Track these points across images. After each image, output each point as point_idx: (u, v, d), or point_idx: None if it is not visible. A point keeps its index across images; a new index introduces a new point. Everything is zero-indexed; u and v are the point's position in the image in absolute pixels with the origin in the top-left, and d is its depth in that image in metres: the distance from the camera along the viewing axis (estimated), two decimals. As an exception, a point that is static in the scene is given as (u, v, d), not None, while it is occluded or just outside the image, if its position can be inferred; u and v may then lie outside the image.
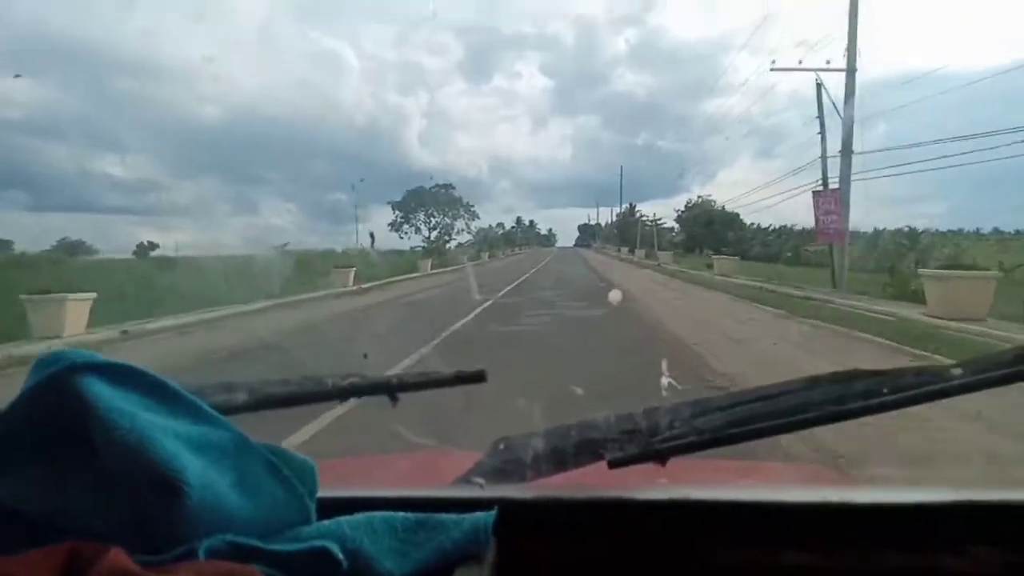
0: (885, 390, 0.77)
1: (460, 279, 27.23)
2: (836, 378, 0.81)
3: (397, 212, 60.83)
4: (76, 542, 0.51)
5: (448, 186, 63.97)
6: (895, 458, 4.37)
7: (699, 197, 56.85)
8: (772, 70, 21.22)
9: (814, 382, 0.82)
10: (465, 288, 21.85)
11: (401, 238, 56.49)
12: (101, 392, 0.55)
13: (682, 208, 59.22)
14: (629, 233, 65.04)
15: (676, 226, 60.31)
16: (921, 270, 14.12)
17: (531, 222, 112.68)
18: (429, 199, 61.37)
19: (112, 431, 0.53)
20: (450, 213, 62.02)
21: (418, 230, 61.00)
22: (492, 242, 74.53)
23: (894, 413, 0.78)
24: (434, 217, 61.30)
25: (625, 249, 65.53)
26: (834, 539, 0.69)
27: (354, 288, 20.82)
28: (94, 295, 12.16)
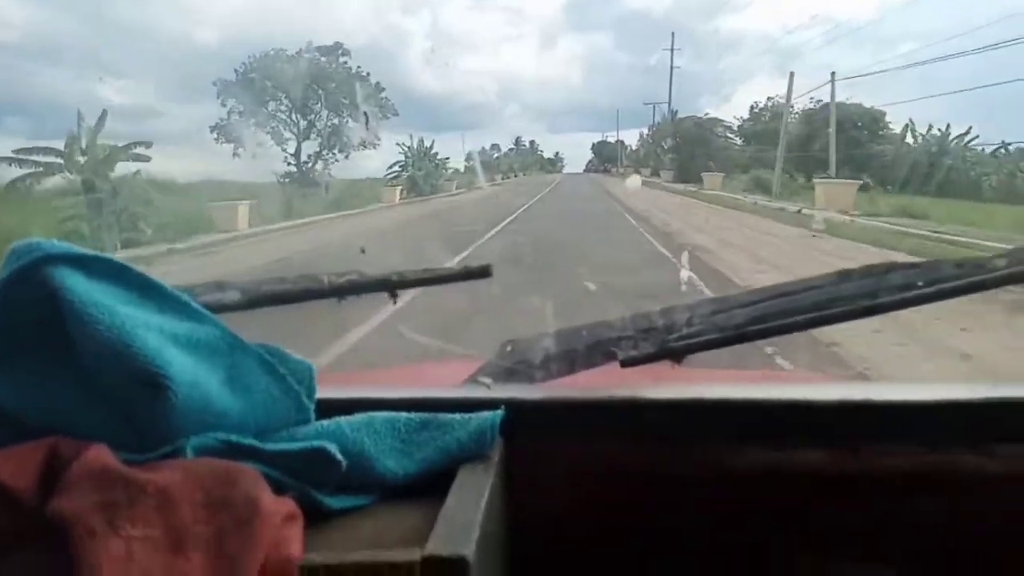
0: (921, 282, 0.72)
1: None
2: (869, 271, 0.76)
3: (229, 103, 29.53)
4: (57, 438, 0.49)
5: (335, 50, 30.85)
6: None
7: (769, 99, 36.47)
8: None
9: (845, 276, 0.77)
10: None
11: (236, 155, 28.31)
12: (78, 285, 0.51)
13: (744, 116, 39.41)
14: (691, 150, 39.60)
15: (737, 139, 40.04)
16: None
17: (531, 143, 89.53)
18: (294, 76, 29.43)
19: (90, 326, 0.50)
20: (344, 107, 30.91)
21: (277, 137, 30.31)
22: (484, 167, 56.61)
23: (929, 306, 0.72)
24: (311, 114, 30.75)
25: (662, 177, 41.39)
26: (853, 438, 0.67)
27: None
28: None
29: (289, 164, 30.27)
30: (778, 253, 10.91)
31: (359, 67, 32.04)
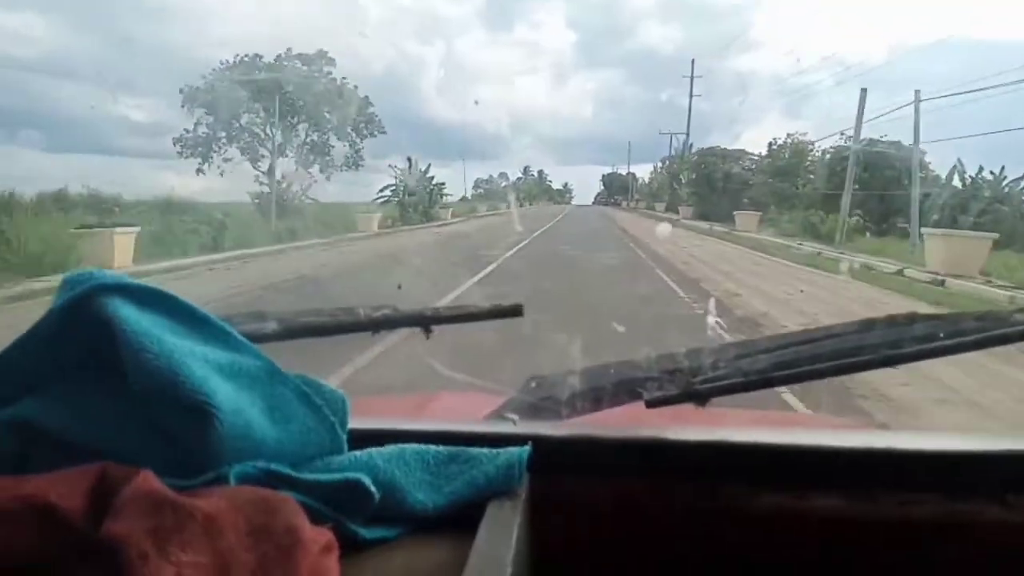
0: (943, 334, 0.73)
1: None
2: (892, 321, 0.77)
3: (196, 112, 25.35)
4: (106, 463, 0.50)
5: (319, 59, 27.00)
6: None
7: (789, 135, 31.76)
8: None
9: (869, 325, 0.78)
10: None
11: (200, 171, 24.95)
12: (128, 314, 0.53)
13: (761, 153, 34.29)
14: (713, 184, 34.92)
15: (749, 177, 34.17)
16: None
17: (540, 172, 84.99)
18: (270, 85, 25.38)
19: (140, 354, 0.52)
20: (326, 121, 27.38)
21: (252, 153, 26.19)
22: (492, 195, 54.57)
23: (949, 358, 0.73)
24: (289, 128, 26.54)
25: (679, 214, 36.27)
26: (872, 486, 0.67)
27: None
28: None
29: (261, 184, 25.38)
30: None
31: (344, 79, 27.31)
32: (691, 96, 46.79)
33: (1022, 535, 0.65)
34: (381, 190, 29.93)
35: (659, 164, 55.48)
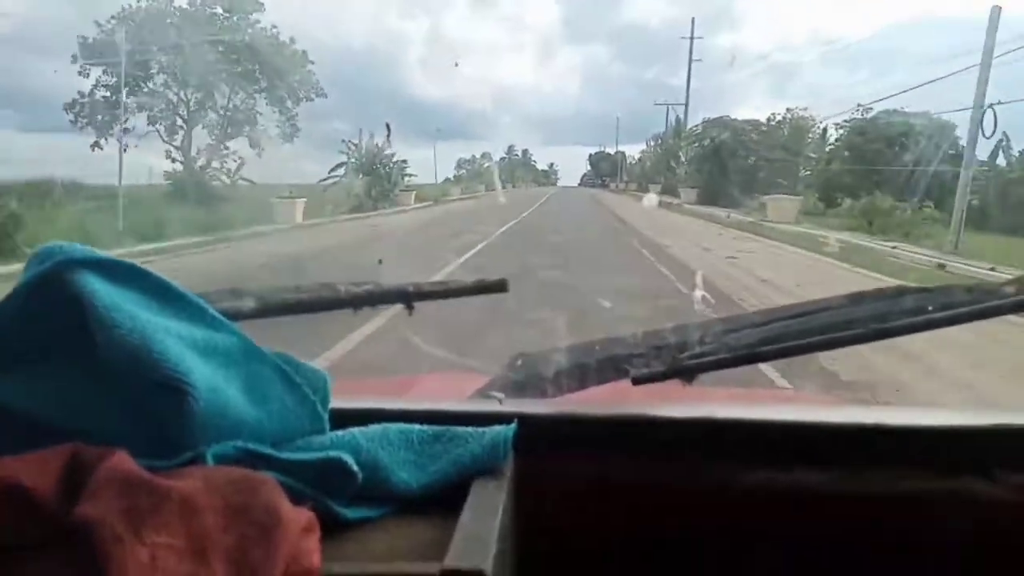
0: (932, 307, 0.73)
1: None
2: (881, 295, 0.77)
3: (93, 73, 19.85)
4: (78, 444, 0.49)
5: (244, 5, 20.82)
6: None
7: (788, 111, 28.88)
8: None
9: (858, 299, 0.78)
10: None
11: (97, 145, 19.71)
12: (100, 289, 0.52)
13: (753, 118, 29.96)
14: (723, 162, 28.49)
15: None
16: None
17: (524, 152, 79.00)
18: (183, 36, 19.69)
19: (112, 330, 0.50)
20: (255, 82, 21.48)
21: (167, 123, 21.06)
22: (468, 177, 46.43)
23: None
24: (206, 91, 20.83)
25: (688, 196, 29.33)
26: (859, 461, 0.67)
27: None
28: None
29: (175, 161, 20.52)
30: None
31: (275, 28, 20.76)
32: (690, 61, 38.03)
33: (1009, 509, 0.66)
34: (333, 169, 24.27)
35: (651, 142, 48.55)
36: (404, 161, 26.71)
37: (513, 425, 0.65)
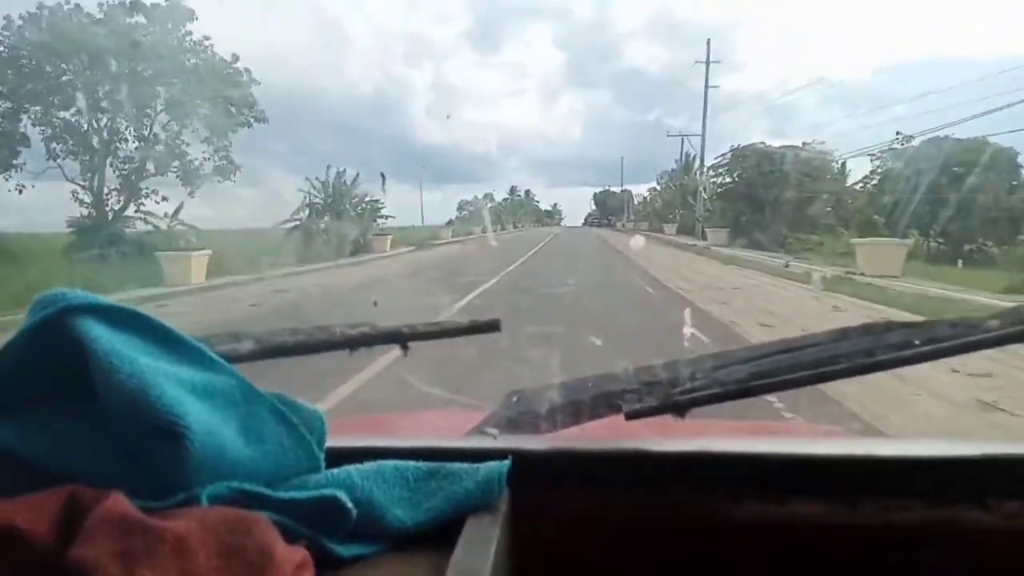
0: (918, 341, 0.74)
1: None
2: (867, 330, 0.78)
3: None
4: (75, 486, 0.50)
5: (175, 12, 16.32)
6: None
7: (804, 144, 24.94)
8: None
9: (844, 334, 0.79)
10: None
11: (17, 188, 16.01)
12: (100, 335, 0.53)
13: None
14: (750, 197, 24.80)
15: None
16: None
17: (527, 192, 79.63)
18: (95, 51, 14.97)
19: (111, 375, 0.51)
20: (184, 106, 16.58)
21: (75, 157, 16.70)
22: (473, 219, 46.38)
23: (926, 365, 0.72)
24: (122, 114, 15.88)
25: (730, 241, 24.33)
26: (854, 492, 0.67)
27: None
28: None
29: (83, 206, 16.54)
30: None
31: (209, 40, 16.59)
32: (707, 87, 34.87)
33: (1004, 539, 0.65)
34: (295, 213, 21.24)
35: (661, 178, 46.41)
36: (377, 201, 24.20)
37: (507, 461, 0.65)
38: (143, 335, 0.57)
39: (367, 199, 23.90)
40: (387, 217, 25.31)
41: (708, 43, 36.05)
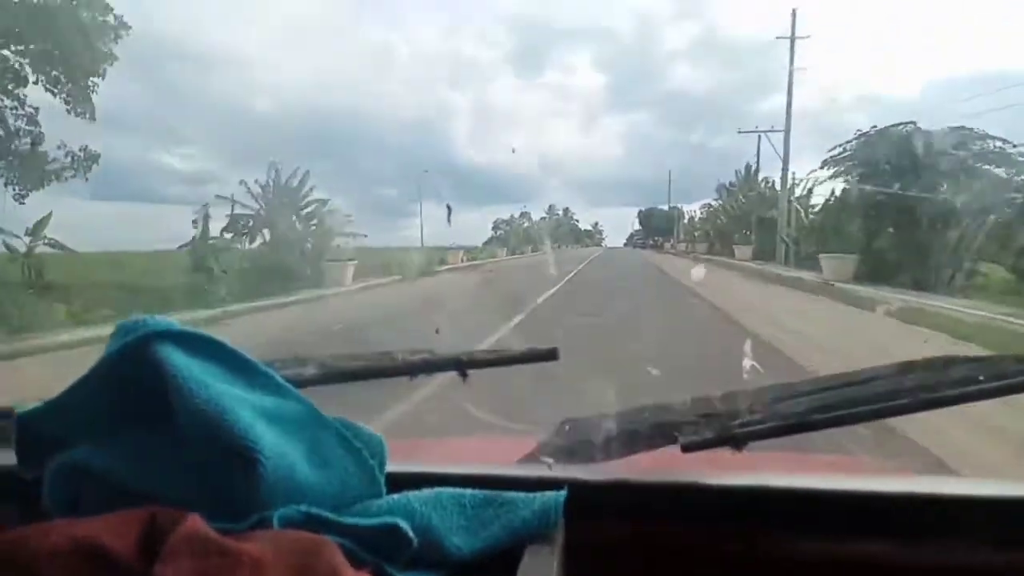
0: (982, 377, 0.72)
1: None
2: (930, 364, 0.76)
3: None
4: (155, 507, 0.52)
5: None
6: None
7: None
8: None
9: (907, 368, 0.77)
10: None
11: None
12: (179, 361, 0.56)
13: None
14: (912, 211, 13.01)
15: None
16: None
17: (566, 211, 70.71)
18: None
19: (190, 400, 0.54)
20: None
21: None
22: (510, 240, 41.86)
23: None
24: None
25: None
26: (915, 532, 0.66)
27: None
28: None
29: None
30: None
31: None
32: (792, 65, 24.90)
33: None
34: (227, 226, 15.68)
35: (720, 191, 36.89)
36: (325, 200, 16.88)
37: (564, 491, 0.65)
38: (218, 360, 0.59)
39: (326, 210, 16.65)
40: (355, 235, 17.26)
41: (793, 14, 25.17)
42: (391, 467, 0.65)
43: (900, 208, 14.98)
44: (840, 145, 17.53)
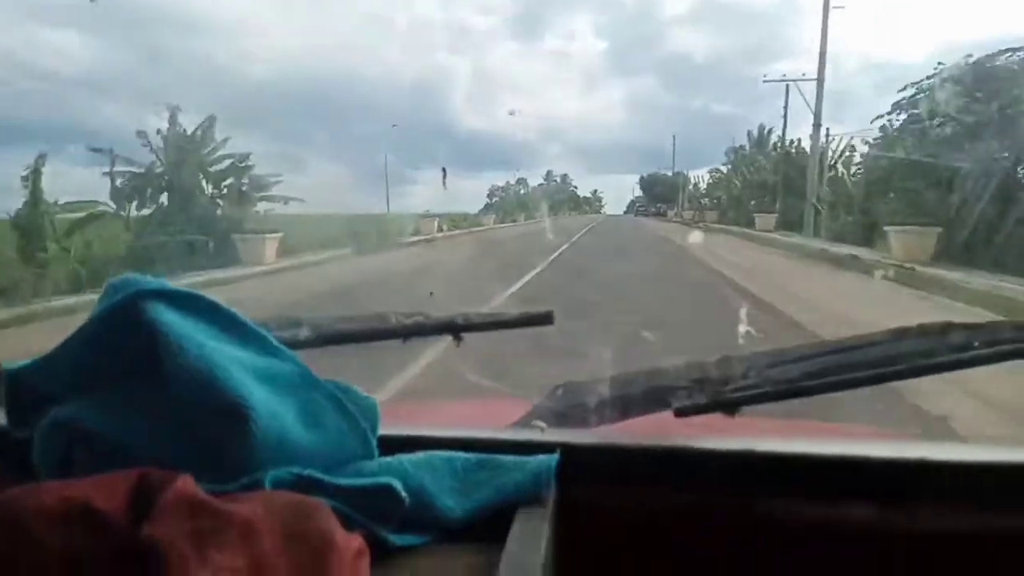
0: (978, 343, 0.72)
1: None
2: (926, 330, 0.76)
3: None
4: (146, 468, 0.52)
5: None
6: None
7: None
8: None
9: (902, 334, 0.77)
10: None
11: None
12: (170, 320, 0.55)
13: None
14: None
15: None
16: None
17: (564, 177, 68.73)
18: None
19: (180, 359, 0.53)
20: None
21: None
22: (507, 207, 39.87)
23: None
24: None
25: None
26: (906, 497, 0.66)
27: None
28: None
29: None
30: None
31: None
32: (826, 8, 20.86)
33: None
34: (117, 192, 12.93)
35: (731, 155, 32.64)
36: (250, 165, 13.72)
37: (556, 455, 0.66)
38: (210, 320, 0.58)
39: (243, 166, 13.22)
40: (284, 200, 14.18)
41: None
42: (383, 430, 0.65)
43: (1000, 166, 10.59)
44: (911, 85, 14.20)
